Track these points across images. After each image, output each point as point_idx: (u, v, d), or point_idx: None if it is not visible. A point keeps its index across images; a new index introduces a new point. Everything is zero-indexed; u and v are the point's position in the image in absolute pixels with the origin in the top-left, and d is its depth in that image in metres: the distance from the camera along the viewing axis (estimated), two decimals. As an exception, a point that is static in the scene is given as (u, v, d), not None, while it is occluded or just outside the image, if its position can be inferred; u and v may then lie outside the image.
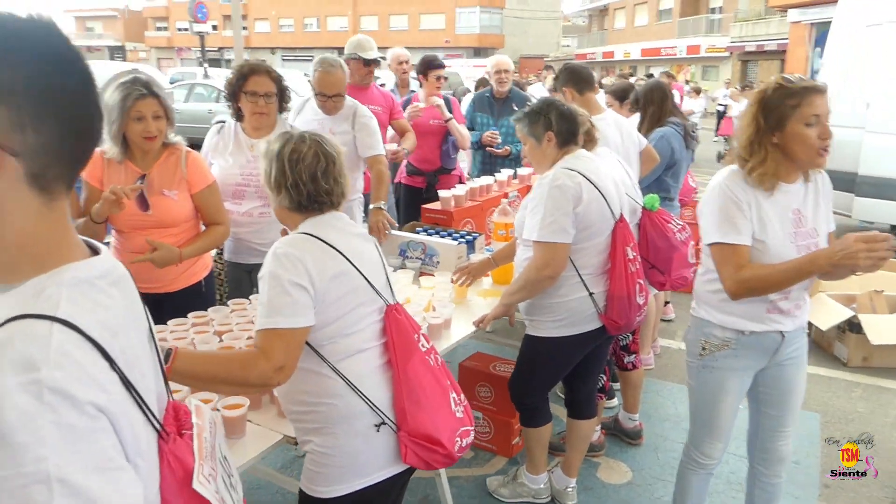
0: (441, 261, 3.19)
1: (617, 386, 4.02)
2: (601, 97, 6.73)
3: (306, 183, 1.70)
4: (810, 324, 4.73)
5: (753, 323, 2.18)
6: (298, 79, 22.28)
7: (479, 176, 5.05)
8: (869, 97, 6.90)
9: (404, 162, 4.69)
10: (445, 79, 4.79)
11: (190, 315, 2.41)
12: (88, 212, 2.46)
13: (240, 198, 3.02)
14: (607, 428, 3.54)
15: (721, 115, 17.16)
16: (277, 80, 3.00)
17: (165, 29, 56.92)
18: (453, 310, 2.66)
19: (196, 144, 2.95)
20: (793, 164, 2.10)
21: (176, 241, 2.57)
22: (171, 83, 21.60)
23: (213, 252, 3.04)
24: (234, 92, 2.99)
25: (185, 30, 37.55)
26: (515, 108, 4.99)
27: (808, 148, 2.03)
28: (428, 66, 4.69)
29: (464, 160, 5.33)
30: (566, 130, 2.57)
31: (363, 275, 1.72)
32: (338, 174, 1.75)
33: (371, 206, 3.62)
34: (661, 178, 4.02)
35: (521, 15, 49.69)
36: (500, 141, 4.86)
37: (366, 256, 1.78)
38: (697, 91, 15.11)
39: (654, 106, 4.14)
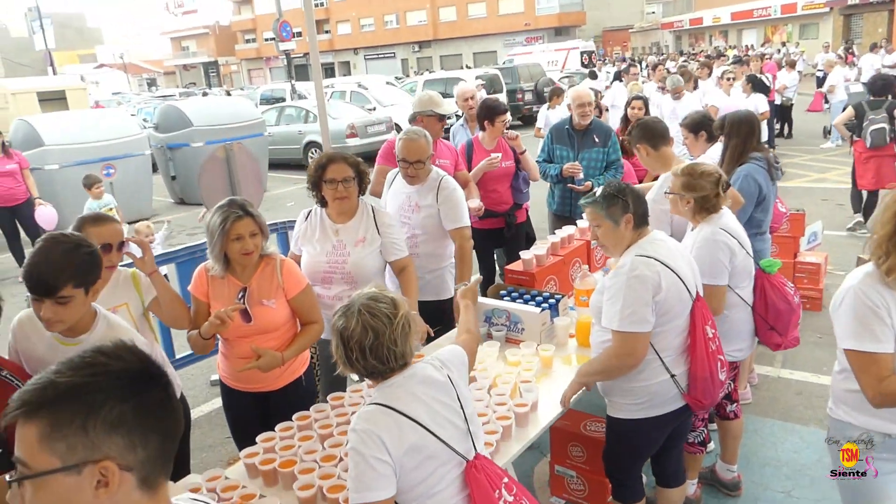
0: (526, 328, 3.31)
1: (713, 426, 4.01)
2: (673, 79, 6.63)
3: (359, 359, 1.86)
4: None
5: None
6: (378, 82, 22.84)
7: (557, 210, 5.09)
8: None
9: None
10: (509, 122, 4.91)
11: (294, 417, 2.66)
12: (198, 324, 2.75)
13: (328, 283, 3.24)
14: (704, 478, 3.55)
15: (821, 82, 16.09)
16: (354, 164, 3.19)
17: (254, 41, 59.41)
18: (538, 393, 2.77)
19: (287, 164, 3.22)
20: None
21: (277, 344, 2.82)
22: (262, 101, 22.76)
23: None
24: (316, 182, 3.21)
25: (273, 39, 39.09)
26: (597, 140, 4.98)
27: None
28: (494, 112, 4.75)
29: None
30: (642, 213, 2.61)
31: (439, 438, 1.86)
32: (391, 342, 1.85)
33: (457, 287, 3.80)
34: (751, 216, 3.93)
35: (601, -13, 48.24)
36: (581, 175, 4.88)
37: (442, 414, 1.91)
38: (792, 64, 14.20)
39: (738, 139, 4.03)
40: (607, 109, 8.87)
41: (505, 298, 3.53)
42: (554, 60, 29.58)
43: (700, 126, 4.44)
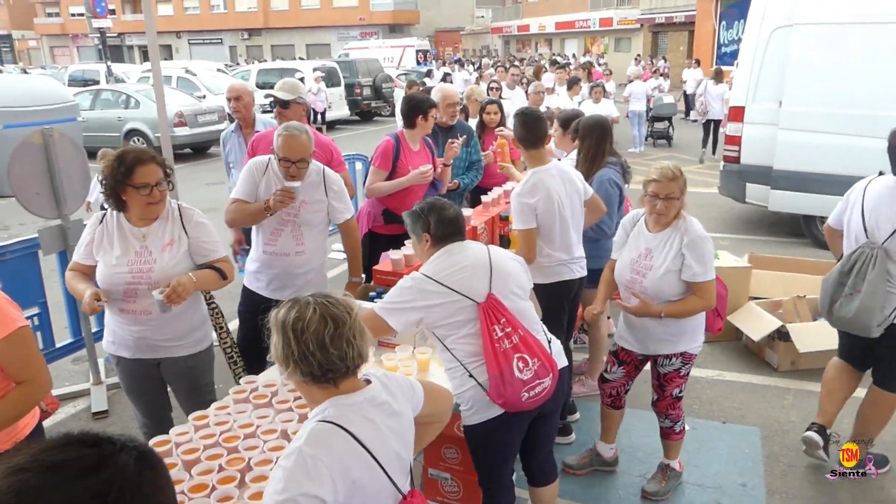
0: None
1: (575, 418, 4.18)
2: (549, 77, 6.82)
3: (315, 352, 1.63)
4: (742, 332, 5.02)
5: None
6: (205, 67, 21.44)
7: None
8: (780, 96, 7.27)
9: (379, 210, 4.50)
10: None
11: None
12: None
13: (132, 296, 2.82)
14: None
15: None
16: (162, 163, 2.80)
17: (57, 15, 53.33)
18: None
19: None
20: None
21: None
22: (71, 82, 20.48)
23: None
24: (118, 185, 2.71)
25: (81, 15, 35.14)
26: (460, 139, 4.99)
27: None
28: (427, 105, 4.43)
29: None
30: (442, 234, 2.68)
31: (386, 473, 1.68)
32: (351, 335, 1.66)
33: (352, 280, 3.65)
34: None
35: (435, -11, 49.19)
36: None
37: (391, 445, 1.73)
38: (610, 73, 15.45)
39: (591, 141, 4.21)
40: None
41: (375, 300, 3.39)
42: (390, 57, 29.63)
43: (570, 122, 4.60)
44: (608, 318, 5.23)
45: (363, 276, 3.80)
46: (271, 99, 4.34)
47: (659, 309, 3.12)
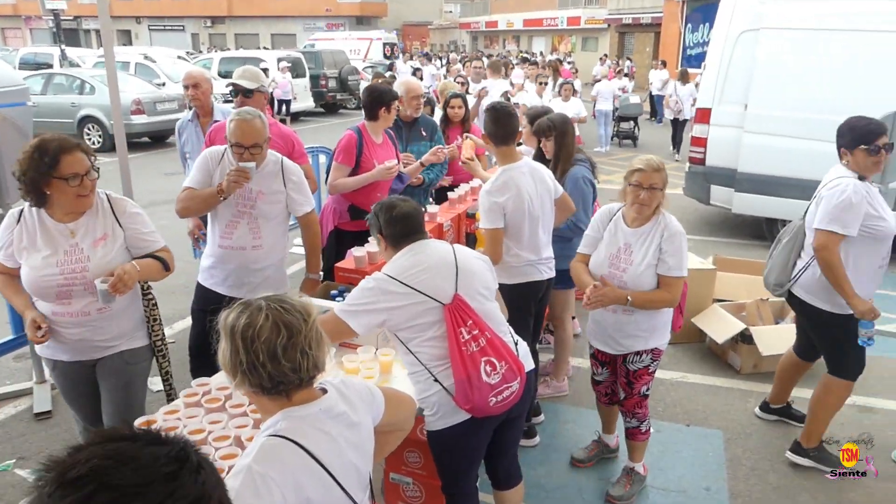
0: (361, 331, 3.08)
1: (539, 420, 4.12)
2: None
3: (266, 363, 1.49)
4: (706, 334, 5.02)
5: None
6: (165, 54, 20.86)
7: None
8: (746, 99, 7.32)
9: (344, 206, 4.34)
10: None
11: None
12: None
13: (66, 298, 2.60)
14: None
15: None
16: (88, 149, 2.60)
17: (11, -5, 51.33)
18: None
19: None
20: None
21: None
22: (22, 65, 19.72)
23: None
24: (41, 178, 2.48)
25: (35, -4, 33.84)
26: (424, 133, 4.88)
27: None
28: (390, 97, 4.28)
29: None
30: (395, 234, 2.59)
31: (343, 488, 1.56)
32: (306, 344, 1.53)
33: (309, 276, 3.52)
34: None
35: (403, -18, 48.87)
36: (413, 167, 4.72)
37: (348, 458, 1.61)
38: (576, 72, 15.51)
39: (565, 139, 4.13)
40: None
41: (337, 299, 3.26)
42: (356, 49, 29.29)
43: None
44: (573, 318, 5.19)
45: (321, 273, 3.66)
46: (231, 88, 4.16)
47: (626, 293, 3.10)
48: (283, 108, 17.27)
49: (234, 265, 3.36)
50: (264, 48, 34.20)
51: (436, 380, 2.47)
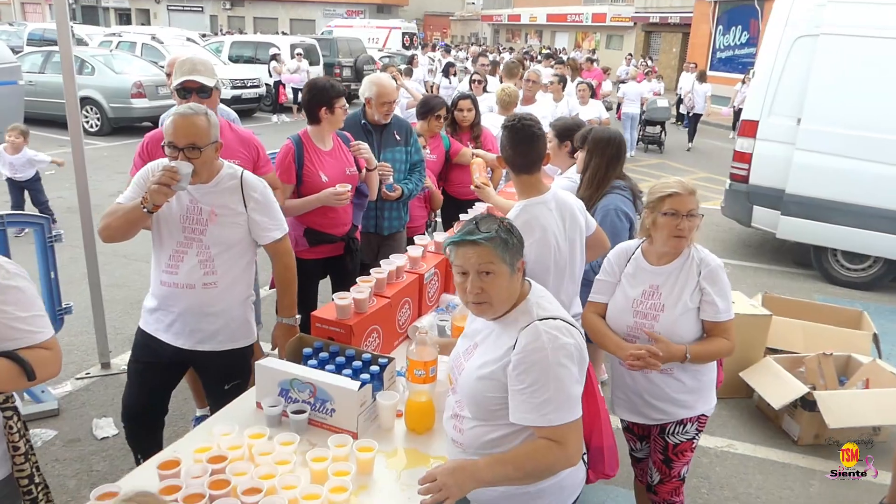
0: (338, 409, 2.34)
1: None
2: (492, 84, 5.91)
3: None
4: (757, 393, 4.27)
5: None
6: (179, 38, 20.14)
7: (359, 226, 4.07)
8: (800, 112, 6.51)
9: (299, 231, 3.64)
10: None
11: None
12: None
13: None
14: None
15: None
16: None
17: (30, -31, 50.83)
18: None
19: (53, 121, 1.86)
20: None
21: None
22: (30, 41, 19.15)
23: None
24: None
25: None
26: (398, 138, 4.12)
27: None
28: (335, 93, 3.58)
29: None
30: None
31: None
32: None
33: (282, 321, 2.90)
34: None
35: (426, -29, 48.02)
36: (391, 179, 3.97)
37: None
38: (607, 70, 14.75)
39: (600, 160, 3.40)
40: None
41: (310, 361, 2.53)
42: (375, 38, 28.56)
43: (569, 132, 3.75)
44: (602, 364, 4.45)
45: (298, 316, 2.94)
46: (180, 87, 3.17)
47: (683, 349, 2.44)
48: (297, 96, 16.54)
49: (181, 308, 2.64)
50: (283, 33, 33.47)
51: None
